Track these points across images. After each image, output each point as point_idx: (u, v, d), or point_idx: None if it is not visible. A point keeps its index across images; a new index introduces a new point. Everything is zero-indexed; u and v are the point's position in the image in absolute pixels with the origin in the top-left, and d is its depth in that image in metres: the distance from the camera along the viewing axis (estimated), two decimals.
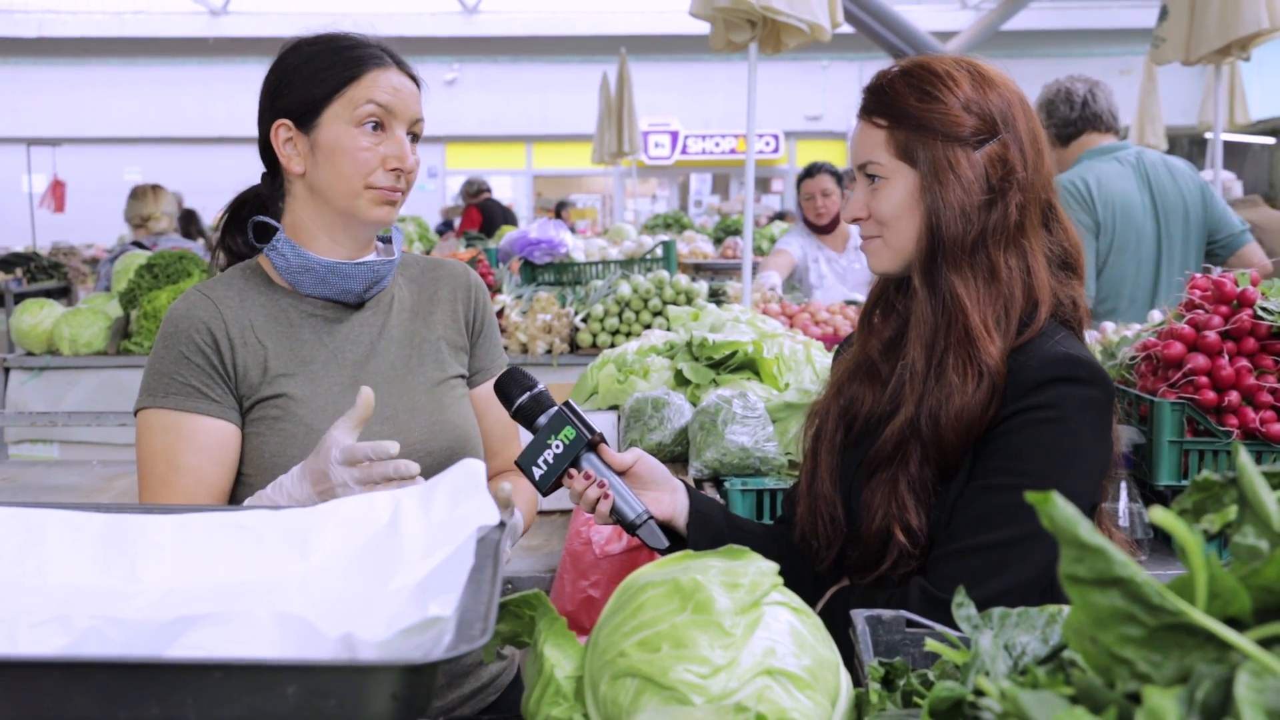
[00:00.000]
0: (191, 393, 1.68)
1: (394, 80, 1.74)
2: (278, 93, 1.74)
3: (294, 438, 1.69)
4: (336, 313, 1.79)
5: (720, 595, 1.01)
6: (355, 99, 1.70)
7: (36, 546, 1.08)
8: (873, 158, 1.65)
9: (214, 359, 1.70)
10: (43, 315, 5.19)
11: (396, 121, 1.72)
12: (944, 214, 1.59)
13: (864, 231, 1.69)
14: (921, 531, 1.56)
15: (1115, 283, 3.52)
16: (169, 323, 1.72)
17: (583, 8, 17.36)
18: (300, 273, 1.75)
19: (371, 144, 1.70)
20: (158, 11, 17.11)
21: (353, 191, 1.71)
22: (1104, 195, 3.51)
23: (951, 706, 0.78)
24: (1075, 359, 1.55)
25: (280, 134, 1.73)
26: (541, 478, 1.59)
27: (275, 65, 1.77)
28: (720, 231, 11.45)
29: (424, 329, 1.86)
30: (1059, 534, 0.64)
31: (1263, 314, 2.21)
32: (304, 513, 1.16)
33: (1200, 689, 0.60)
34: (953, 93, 1.62)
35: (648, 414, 2.73)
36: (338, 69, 1.71)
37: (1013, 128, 1.63)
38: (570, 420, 1.59)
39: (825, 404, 1.77)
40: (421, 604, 0.95)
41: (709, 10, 4.22)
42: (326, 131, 1.70)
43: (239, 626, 0.84)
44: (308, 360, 1.74)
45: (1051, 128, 3.70)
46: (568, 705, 1.05)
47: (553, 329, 4.89)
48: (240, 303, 1.75)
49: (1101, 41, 16.66)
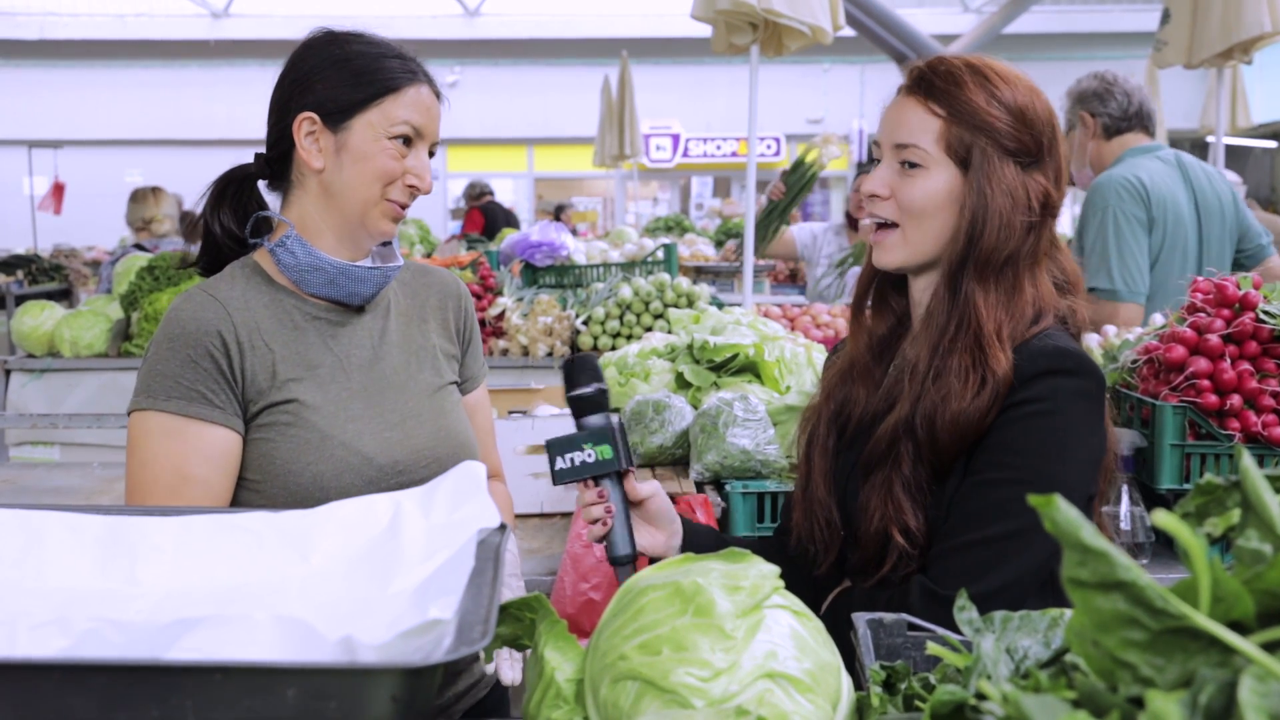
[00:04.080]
0: (198, 398, 1.65)
1: (428, 99, 1.74)
2: (308, 84, 1.72)
3: (308, 444, 1.67)
4: (339, 315, 1.77)
5: (721, 598, 1.01)
6: (392, 114, 1.69)
7: (36, 549, 1.07)
8: (918, 143, 1.60)
9: (223, 365, 1.66)
10: (44, 317, 5.19)
11: (423, 140, 1.73)
12: (988, 224, 1.57)
13: (879, 213, 1.64)
14: (920, 532, 1.56)
15: (1163, 279, 3.51)
16: (174, 324, 1.68)
17: (584, 10, 17.36)
18: (309, 271, 1.73)
19: (398, 157, 1.70)
20: (160, 14, 17.11)
21: (370, 199, 1.70)
22: (1157, 193, 3.51)
23: (953, 710, 0.78)
24: (1063, 351, 1.56)
25: (304, 126, 1.71)
26: (560, 472, 1.59)
27: (305, 55, 1.75)
28: (721, 234, 11.43)
29: (419, 335, 1.86)
30: (1061, 537, 0.64)
31: (1265, 317, 2.20)
32: (304, 515, 1.16)
33: (1203, 693, 0.60)
34: (1017, 104, 1.60)
35: (649, 416, 2.73)
36: (381, 77, 1.70)
37: (1055, 155, 1.64)
38: (613, 441, 1.58)
39: (816, 410, 1.77)
40: (422, 606, 0.95)
41: (710, 13, 4.22)
42: (357, 136, 1.69)
43: (239, 629, 0.84)
44: (315, 364, 1.72)
45: (1103, 118, 3.66)
46: (568, 708, 1.05)
47: (554, 331, 4.89)
48: (245, 304, 1.72)
49: (1103, 45, 16.64)
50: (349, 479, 1.67)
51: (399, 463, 1.72)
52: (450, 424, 1.82)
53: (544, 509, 2.76)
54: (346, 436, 1.69)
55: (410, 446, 1.75)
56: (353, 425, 1.71)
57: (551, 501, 2.76)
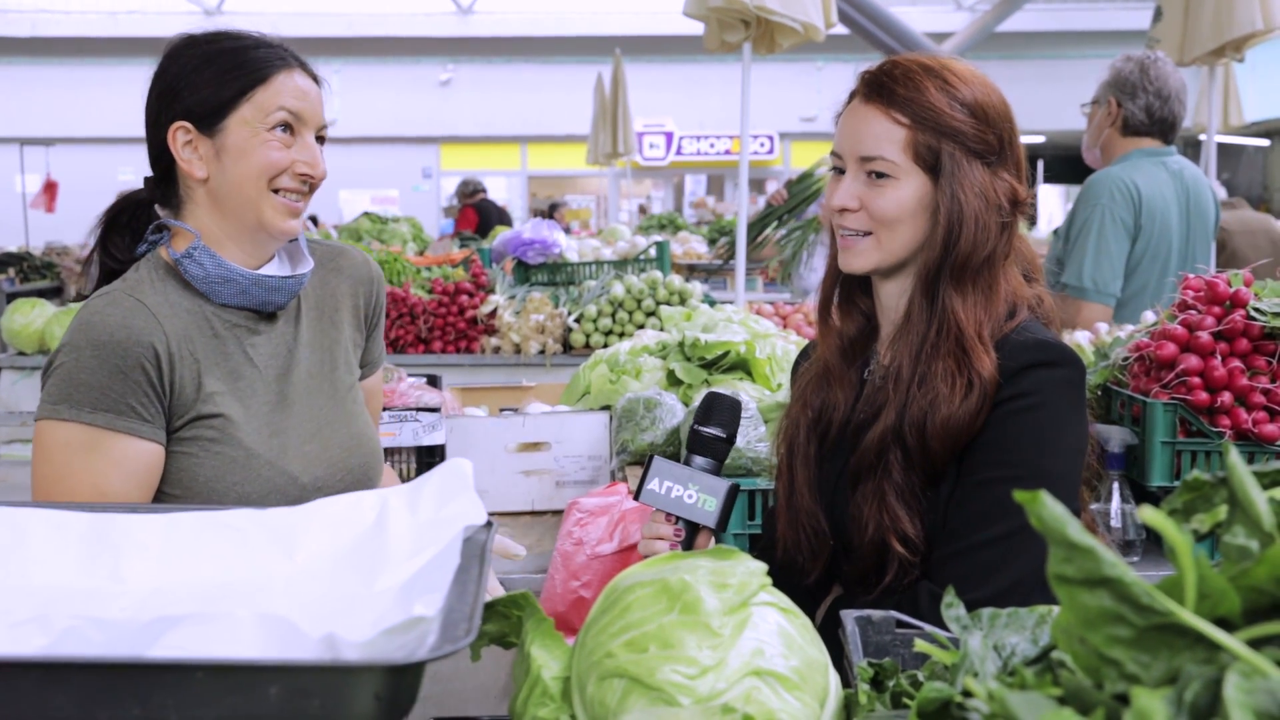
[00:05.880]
0: (127, 411, 1.57)
1: (301, 83, 1.68)
2: (175, 93, 1.66)
3: (235, 462, 1.63)
4: (253, 322, 1.71)
5: (708, 595, 1.00)
6: (264, 104, 1.63)
7: (20, 546, 1.07)
8: (883, 154, 1.58)
9: (154, 377, 1.59)
10: (34, 315, 5.18)
11: (305, 127, 1.67)
12: (964, 228, 1.55)
13: (851, 225, 1.62)
14: (918, 539, 1.55)
15: (1140, 287, 3.51)
16: (101, 330, 1.58)
17: (577, 8, 17.34)
18: (220, 283, 1.66)
19: (281, 147, 1.64)
20: (152, 11, 17.05)
21: (260, 196, 1.64)
22: (1149, 202, 3.49)
23: (940, 708, 0.78)
24: (1044, 343, 1.57)
25: (179, 136, 1.66)
26: (650, 492, 1.51)
27: (168, 64, 1.69)
28: (715, 232, 11.43)
29: (332, 330, 1.81)
30: (1048, 534, 0.64)
31: (1255, 315, 2.20)
32: (290, 512, 1.15)
33: (1189, 690, 0.59)
34: (977, 102, 1.57)
35: (639, 414, 2.72)
36: (246, 70, 1.64)
37: (1015, 148, 1.62)
38: (720, 498, 1.50)
39: (794, 418, 1.74)
40: (407, 604, 0.94)
41: (703, 10, 4.22)
42: (233, 135, 1.64)
43: (221, 627, 0.83)
44: (236, 375, 1.67)
45: (1128, 112, 3.59)
46: (555, 706, 1.05)
47: (546, 329, 4.88)
48: (172, 312, 1.64)
49: (1096, 43, 16.65)
50: (274, 500, 1.61)
51: (319, 479, 1.69)
52: (360, 428, 1.80)
53: (534, 506, 2.75)
54: (272, 454, 1.65)
55: (326, 460, 1.72)
56: (276, 440, 1.67)
57: (542, 499, 2.75)
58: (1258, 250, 6.04)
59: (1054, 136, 16.65)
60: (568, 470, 2.75)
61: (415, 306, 5.06)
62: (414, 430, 2.60)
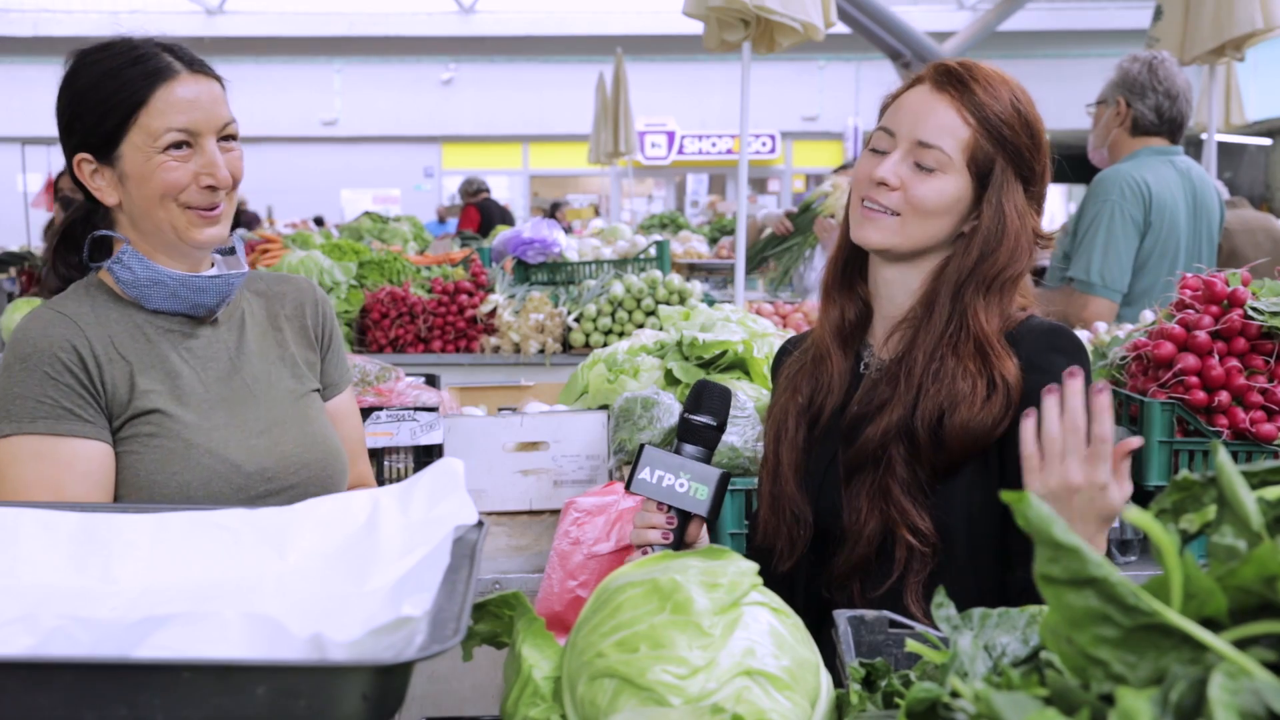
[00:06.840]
0: (65, 415, 1.57)
1: (188, 91, 1.64)
2: (70, 126, 1.66)
3: (173, 453, 1.62)
4: (189, 327, 1.72)
5: (699, 595, 1.00)
6: (150, 127, 1.61)
7: (10, 546, 1.07)
8: (942, 145, 1.58)
9: (83, 378, 1.59)
10: None
11: (201, 136, 1.64)
12: (1003, 243, 1.59)
13: (882, 201, 1.61)
14: (929, 531, 1.54)
15: (1148, 285, 3.51)
16: (23, 343, 1.60)
17: (579, 8, 17.34)
18: (148, 287, 1.66)
19: (178, 164, 1.62)
20: (154, 11, 17.03)
21: (167, 214, 1.63)
22: (1159, 200, 3.50)
23: (929, 708, 0.78)
24: (1058, 329, 1.60)
25: (84, 168, 1.65)
26: (641, 481, 1.50)
27: (60, 95, 1.68)
28: (716, 231, 11.43)
29: (277, 344, 1.82)
30: (1034, 533, 0.64)
31: (1253, 314, 2.20)
32: (282, 512, 1.15)
33: (1174, 690, 0.59)
34: (1036, 129, 1.61)
35: (637, 413, 2.72)
36: (124, 93, 1.62)
37: (1044, 183, 1.68)
38: (712, 486, 1.48)
39: (783, 405, 1.74)
40: (397, 604, 0.94)
41: (702, 9, 4.21)
42: (129, 161, 1.62)
43: (208, 627, 0.83)
44: (174, 375, 1.67)
45: (1137, 112, 3.59)
46: (546, 706, 1.05)
47: (545, 328, 4.88)
48: (96, 319, 1.65)
49: (1097, 42, 16.64)
50: (217, 487, 1.62)
51: (267, 470, 1.68)
52: (316, 429, 1.79)
53: (532, 506, 2.75)
54: (212, 444, 1.65)
55: (277, 454, 1.70)
56: (218, 433, 1.66)
57: (540, 498, 2.75)
58: (1258, 249, 6.03)
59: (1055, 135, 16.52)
60: (565, 470, 2.75)
61: (415, 306, 5.06)
62: (411, 430, 2.59)
